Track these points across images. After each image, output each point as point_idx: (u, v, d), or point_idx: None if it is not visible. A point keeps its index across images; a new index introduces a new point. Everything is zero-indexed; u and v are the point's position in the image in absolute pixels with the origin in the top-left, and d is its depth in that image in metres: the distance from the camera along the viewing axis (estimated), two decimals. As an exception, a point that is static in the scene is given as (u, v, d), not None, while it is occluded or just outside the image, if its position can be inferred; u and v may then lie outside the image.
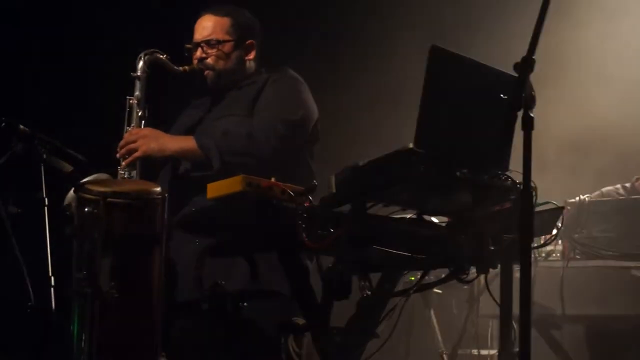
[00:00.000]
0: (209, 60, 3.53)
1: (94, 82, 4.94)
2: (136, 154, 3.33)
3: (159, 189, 2.98)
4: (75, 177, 3.09)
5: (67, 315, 2.88)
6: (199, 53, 3.54)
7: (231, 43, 3.55)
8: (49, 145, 3.25)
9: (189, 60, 3.55)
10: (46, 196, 3.23)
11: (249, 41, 3.60)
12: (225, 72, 3.54)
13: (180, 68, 3.52)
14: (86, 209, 2.80)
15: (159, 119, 3.53)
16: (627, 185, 5.02)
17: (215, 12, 3.59)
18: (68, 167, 3.24)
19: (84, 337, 2.81)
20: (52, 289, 3.11)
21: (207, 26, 3.56)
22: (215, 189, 2.58)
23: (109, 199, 2.81)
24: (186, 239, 3.19)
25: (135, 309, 2.85)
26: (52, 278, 3.13)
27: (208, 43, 3.53)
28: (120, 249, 2.83)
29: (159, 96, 3.52)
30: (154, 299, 2.89)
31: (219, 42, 3.52)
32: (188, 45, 3.56)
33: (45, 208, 3.21)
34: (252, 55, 3.61)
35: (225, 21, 3.57)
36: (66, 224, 2.85)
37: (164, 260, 2.92)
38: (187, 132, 3.51)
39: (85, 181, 2.99)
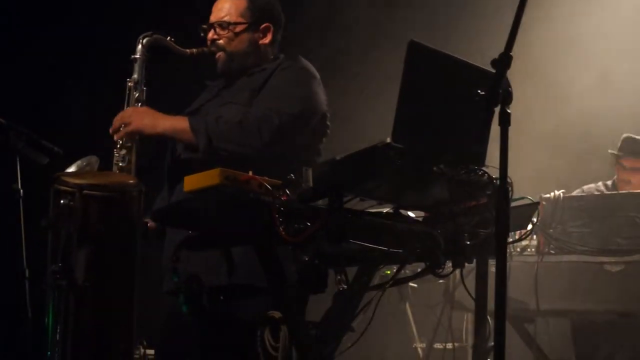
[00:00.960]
0: (221, 42, 3.42)
1: (94, 65, 4.91)
2: (128, 128, 3.26)
3: (135, 181, 2.97)
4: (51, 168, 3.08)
5: (41, 308, 2.86)
6: (211, 34, 3.45)
7: (244, 25, 3.43)
8: (24, 137, 3.23)
9: (204, 43, 3.48)
10: (21, 187, 3.21)
11: (265, 25, 3.48)
12: (237, 54, 3.44)
13: (188, 50, 3.44)
14: (62, 201, 2.78)
15: (165, 103, 3.48)
16: (609, 183, 5.06)
17: None
18: (44, 159, 3.22)
19: (58, 330, 2.80)
20: (27, 282, 3.09)
21: (222, 7, 3.46)
22: (193, 182, 2.57)
23: (85, 191, 2.80)
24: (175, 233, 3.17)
25: (110, 301, 2.85)
26: (27, 270, 3.12)
27: (221, 25, 3.43)
28: (96, 241, 2.82)
29: (167, 81, 3.47)
30: (129, 291, 2.88)
31: (231, 23, 3.43)
32: (203, 26, 3.49)
33: (20, 200, 3.19)
34: (267, 40, 3.49)
35: (242, 3, 3.46)
36: (42, 215, 2.84)
37: (139, 252, 2.91)
38: (191, 114, 3.43)
39: (61, 173, 2.97)
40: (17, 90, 4.82)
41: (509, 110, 2.27)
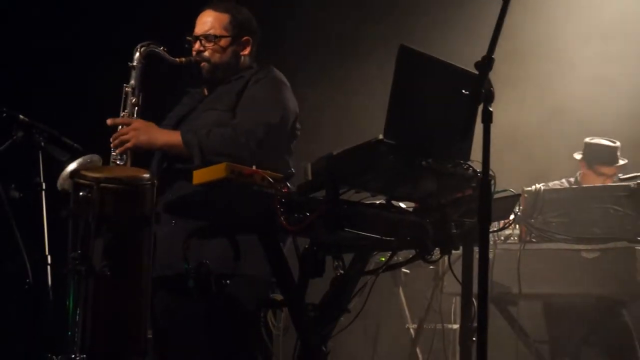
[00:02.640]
0: (206, 53, 3.49)
1: (94, 71, 4.90)
2: (127, 145, 3.30)
3: (148, 175, 2.97)
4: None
5: (62, 292, 2.87)
6: (197, 46, 3.51)
7: (228, 38, 3.50)
8: (46, 134, 3.23)
9: (189, 53, 3.52)
10: (44, 181, 3.22)
11: (245, 37, 3.54)
12: (220, 65, 3.50)
13: (177, 59, 3.48)
14: (81, 193, 2.79)
15: (156, 107, 3.50)
16: (572, 179, 5.06)
17: (216, 8, 3.55)
18: (64, 155, 3.22)
19: (78, 312, 2.80)
20: (49, 267, 3.09)
21: (207, 21, 3.52)
22: (201, 176, 2.57)
23: (102, 184, 2.80)
24: (173, 221, 3.18)
25: (125, 286, 2.85)
26: (49, 257, 3.12)
27: (206, 37, 3.49)
28: (112, 230, 2.82)
29: (156, 86, 3.48)
30: (143, 276, 2.89)
31: (216, 37, 3.49)
32: (188, 38, 3.53)
33: (43, 192, 3.19)
34: (247, 51, 3.56)
35: (224, 17, 3.52)
36: (62, 206, 2.84)
37: (152, 240, 2.91)
38: (180, 120, 3.48)
39: (80, 167, 2.98)
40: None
41: (491, 109, 2.27)
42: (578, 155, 5.08)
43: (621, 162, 5.00)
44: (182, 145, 3.30)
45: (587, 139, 5.08)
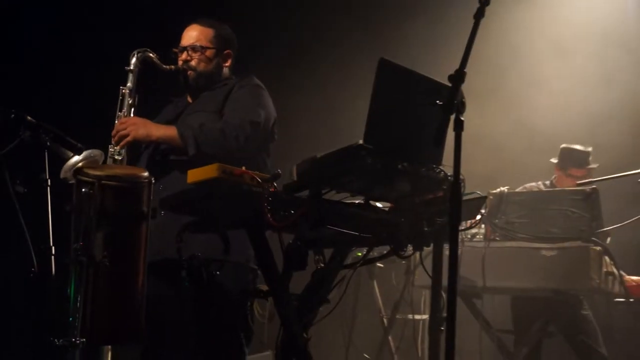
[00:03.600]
0: (192, 63, 3.53)
1: (95, 75, 4.88)
2: (127, 139, 3.34)
3: (146, 173, 2.97)
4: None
5: (64, 280, 2.86)
6: (184, 56, 3.54)
7: (212, 50, 3.55)
8: (51, 134, 3.23)
9: (175, 62, 3.55)
10: (49, 177, 3.21)
11: (227, 51, 3.60)
12: (205, 73, 3.54)
13: (167, 67, 3.52)
14: (83, 190, 2.78)
15: (147, 108, 3.52)
16: (547, 182, 5.09)
17: (201, 23, 3.59)
18: (68, 153, 3.21)
19: (79, 299, 2.79)
20: (53, 257, 3.08)
21: (193, 34, 3.56)
22: (195, 175, 2.57)
23: (103, 182, 2.80)
24: (162, 212, 3.18)
25: (123, 275, 2.84)
26: (53, 248, 3.11)
27: (193, 48, 3.53)
28: (112, 224, 2.81)
29: (148, 89, 3.50)
30: (139, 266, 2.88)
31: (202, 48, 3.53)
32: (175, 50, 3.56)
33: (48, 188, 3.19)
34: (228, 63, 3.62)
35: (210, 31, 3.57)
36: (66, 200, 2.84)
37: (148, 233, 2.91)
38: (168, 123, 3.50)
39: (82, 165, 2.97)
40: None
41: (462, 118, 2.28)
42: (554, 160, 5.11)
43: (592, 165, 5.03)
44: (177, 137, 3.32)
45: (563, 145, 5.11)
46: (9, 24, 5.06)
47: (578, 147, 5.06)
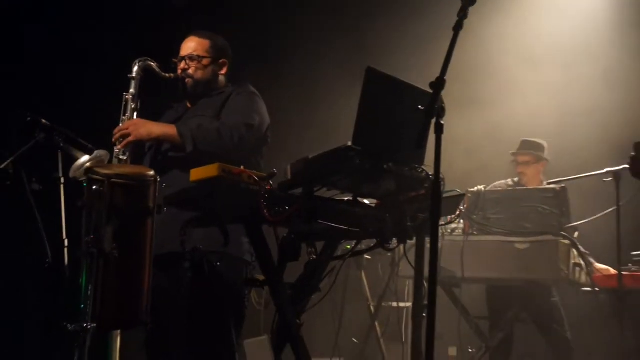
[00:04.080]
0: (190, 71, 3.51)
1: (101, 81, 4.87)
2: (129, 139, 3.32)
3: (152, 172, 2.96)
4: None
5: (76, 270, 2.85)
6: (183, 65, 3.53)
7: (209, 59, 3.53)
8: (64, 136, 3.21)
9: (175, 70, 3.54)
10: (62, 176, 3.19)
11: (222, 60, 3.58)
12: (202, 81, 3.52)
13: (167, 75, 3.51)
14: (94, 187, 2.77)
15: (148, 112, 3.51)
16: (515, 179, 5.10)
17: (199, 35, 3.58)
18: (79, 153, 3.20)
19: (90, 288, 2.79)
20: (66, 250, 3.07)
21: (191, 45, 3.55)
22: (197, 174, 2.58)
23: (112, 180, 2.78)
24: (165, 208, 3.18)
25: (130, 266, 2.83)
26: (66, 240, 3.10)
27: (191, 57, 3.52)
28: (120, 219, 2.80)
29: (149, 95, 3.50)
30: (146, 258, 2.87)
31: (199, 57, 3.52)
32: (175, 59, 3.55)
33: (61, 186, 3.17)
34: (223, 71, 3.59)
35: (206, 42, 3.56)
36: (78, 197, 2.83)
37: (154, 228, 2.90)
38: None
39: (92, 165, 2.96)
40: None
41: (442, 122, 2.29)
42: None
43: (543, 154, 5.03)
44: (176, 135, 3.31)
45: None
46: (19, 28, 5.02)
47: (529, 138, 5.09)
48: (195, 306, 3.18)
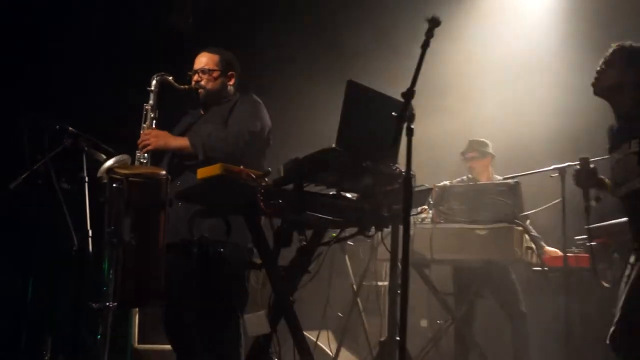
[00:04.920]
0: (203, 82, 3.50)
1: (125, 94, 4.85)
2: (149, 147, 3.32)
3: (164, 172, 2.96)
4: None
5: (100, 256, 2.85)
6: (196, 77, 3.51)
7: (218, 72, 3.52)
8: (89, 141, 3.21)
9: (189, 82, 3.53)
10: (86, 176, 3.19)
11: (230, 72, 3.56)
12: (213, 91, 3.51)
13: (182, 86, 3.49)
14: (114, 185, 2.77)
15: (166, 120, 3.50)
16: (470, 176, 5.11)
17: (209, 51, 3.56)
18: (102, 157, 3.20)
19: (112, 272, 2.79)
20: (90, 239, 3.06)
21: (203, 60, 3.53)
22: (203, 172, 2.58)
23: (130, 179, 2.78)
24: (180, 203, 3.18)
25: (146, 252, 2.82)
26: (90, 231, 3.09)
27: (203, 71, 3.50)
28: (137, 212, 2.80)
29: (167, 105, 3.49)
30: (159, 245, 2.87)
31: (210, 70, 3.50)
32: (189, 73, 3.54)
33: (86, 184, 3.17)
34: (232, 82, 3.57)
35: (216, 57, 3.54)
36: (100, 194, 2.82)
37: (166, 219, 2.90)
38: (184, 131, 3.48)
39: (113, 165, 2.96)
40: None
41: (412, 127, 2.29)
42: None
43: (488, 150, 5.03)
44: (189, 147, 3.31)
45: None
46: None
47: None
48: (204, 286, 3.19)
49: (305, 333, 2.87)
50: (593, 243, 3.59)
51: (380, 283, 4.97)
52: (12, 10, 4.86)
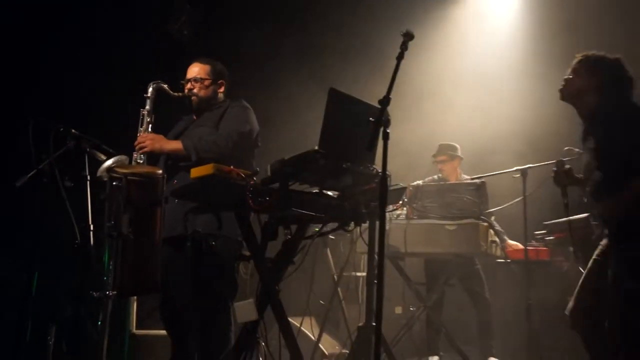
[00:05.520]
0: (195, 90, 3.47)
1: (124, 100, 4.80)
2: (145, 149, 3.28)
3: (160, 171, 2.94)
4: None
5: (100, 249, 2.82)
6: (189, 85, 3.49)
7: (210, 80, 3.50)
8: (90, 143, 3.18)
9: (182, 90, 3.50)
10: (88, 175, 3.15)
11: (220, 81, 3.54)
12: (205, 98, 3.49)
13: (176, 94, 3.46)
14: (114, 183, 2.74)
15: (161, 125, 3.47)
16: (440, 176, 5.13)
17: (201, 61, 3.54)
18: (102, 157, 3.16)
19: (111, 263, 2.76)
20: (91, 233, 3.03)
21: (195, 69, 3.51)
22: (196, 172, 2.56)
23: (129, 177, 2.76)
24: (176, 200, 3.15)
25: (143, 245, 2.80)
26: (91, 225, 3.06)
27: (195, 79, 3.48)
28: (135, 208, 2.77)
29: (162, 111, 3.46)
30: (156, 239, 2.84)
31: (202, 79, 3.48)
32: (182, 82, 3.52)
33: (87, 182, 3.13)
34: (222, 90, 3.55)
35: (207, 67, 3.52)
36: (100, 191, 2.79)
37: (162, 215, 2.88)
38: (178, 135, 3.46)
39: (113, 165, 2.93)
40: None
41: (388, 131, 2.29)
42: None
43: (456, 153, 5.04)
44: (182, 149, 3.28)
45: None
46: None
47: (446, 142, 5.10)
48: (196, 276, 3.17)
49: (289, 319, 2.86)
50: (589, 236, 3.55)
51: (358, 274, 4.97)
52: (25, 21, 4.79)
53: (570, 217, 3.64)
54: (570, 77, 2.98)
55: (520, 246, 4.53)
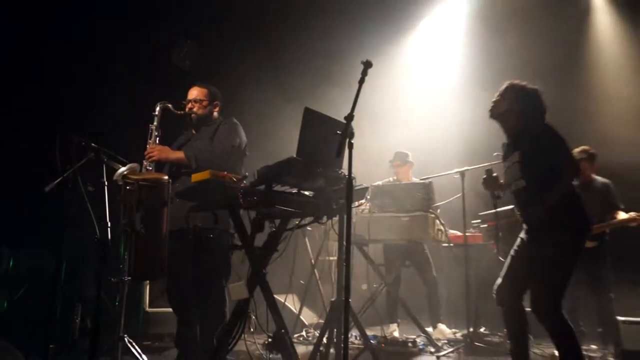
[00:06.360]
0: (194, 109, 3.44)
1: (136, 117, 4.72)
2: (153, 158, 3.25)
3: (166, 177, 2.91)
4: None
5: (117, 242, 2.78)
6: (189, 105, 3.45)
7: (207, 101, 3.46)
8: (108, 154, 3.12)
9: (184, 109, 3.46)
10: (106, 181, 3.10)
11: (215, 102, 3.51)
12: (202, 116, 3.45)
13: (179, 112, 3.42)
14: (127, 187, 2.72)
15: (169, 137, 3.43)
16: (395, 178, 5.16)
17: (200, 85, 3.51)
18: (118, 166, 3.11)
19: (126, 254, 2.72)
20: (109, 229, 2.98)
21: (194, 92, 3.47)
22: (196, 177, 2.55)
23: (140, 182, 2.74)
24: (178, 200, 3.12)
25: (153, 239, 2.78)
26: (109, 223, 3.01)
27: (195, 100, 3.45)
28: (146, 208, 2.75)
29: (166, 127, 3.41)
30: (163, 233, 2.82)
31: (200, 100, 3.45)
32: (184, 102, 3.48)
33: (105, 187, 3.08)
34: (217, 109, 3.52)
35: (205, 90, 3.49)
36: (116, 194, 2.75)
37: (168, 213, 2.85)
38: (180, 146, 3.43)
39: (126, 173, 2.89)
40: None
41: (352, 141, 2.31)
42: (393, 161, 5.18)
43: (408, 159, 5.06)
44: (185, 158, 3.25)
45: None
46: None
47: (402, 150, 5.12)
48: (197, 263, 3.14)
49: (275, 296, 2.85)
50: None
51: (331, 258, 4.99)
52: (52, 45, 4.68)
53: (498, 209, 3.71)
54: (498, 99, 3.04)
55: (460, 233, 4.58)
